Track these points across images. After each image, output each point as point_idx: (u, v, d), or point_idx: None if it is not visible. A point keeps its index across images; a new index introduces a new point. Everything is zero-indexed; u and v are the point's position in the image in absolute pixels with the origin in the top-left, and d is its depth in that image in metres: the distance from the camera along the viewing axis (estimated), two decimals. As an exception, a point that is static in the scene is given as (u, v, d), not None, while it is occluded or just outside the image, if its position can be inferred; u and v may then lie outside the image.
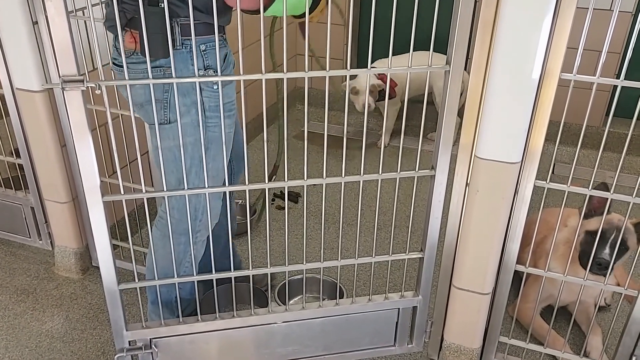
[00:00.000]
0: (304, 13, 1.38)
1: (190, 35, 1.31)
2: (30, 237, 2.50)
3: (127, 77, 1.37)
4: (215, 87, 1.53)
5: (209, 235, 1.74)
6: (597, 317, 2.12)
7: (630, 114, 1.41)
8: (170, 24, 1.35)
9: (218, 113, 1.55)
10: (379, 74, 3.14)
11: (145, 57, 1.36)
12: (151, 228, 1.73)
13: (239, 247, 2.32)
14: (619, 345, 1.76)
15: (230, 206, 2.08)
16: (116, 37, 1.55)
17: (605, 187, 1.59)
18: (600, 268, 1.74)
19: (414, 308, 1.87)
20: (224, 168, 1.58)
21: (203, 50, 1.51)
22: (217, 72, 1.44)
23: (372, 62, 1.48)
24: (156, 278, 1.66)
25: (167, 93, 1.53)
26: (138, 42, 1.47)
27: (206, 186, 1.60)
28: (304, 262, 1.71)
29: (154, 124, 1.45)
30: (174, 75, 1.38)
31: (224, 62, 1.56)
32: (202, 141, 1.50)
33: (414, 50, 1.44)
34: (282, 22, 1.37)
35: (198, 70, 1.46)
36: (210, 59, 1.53)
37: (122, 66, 1.49)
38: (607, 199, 1.56)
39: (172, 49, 1.35)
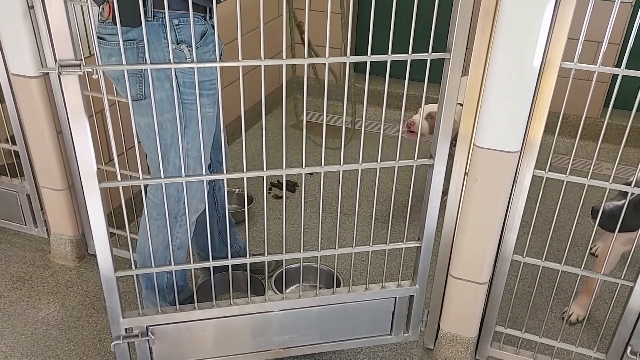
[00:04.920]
0: None
1: (163, 8, 1.29)
2: (25, 225, 2.49)
3: (96, 47, 1.33)
4: (188, 60, 1.51)
5: (204, 220, 1.73)
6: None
7: (626, 106, 1.41)
8: None
9: (194, 90, 1.53)
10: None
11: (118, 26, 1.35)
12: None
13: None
14: (615, 335, 1.77)
15: (218, 194, 2.08)
16: (101, 9, 1.56)
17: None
18: (592, 215, 1.75)
19: (411, 297, 1.87)
20: (207, 149, 1.55)
21: (176, 25, 1.50)
22: (191, 47, 1.42)
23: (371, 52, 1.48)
24: (134, 264, 1.64)
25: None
26: (112, 11, 1.46)
27: (185, 166, 1.58)
28: (301, 251, 1.70)
29: (134, 100, 1.44)
30: (146, 48, 1.33)
31: (201, 39, 1.54)
32: (178, 118, 1.46)
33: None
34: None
35: (171, 43, 1.45)
36: (183, 34, 1.51)
37: (102, 39, 1.50)
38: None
39: (144, 20, 1.33)
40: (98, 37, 1.56)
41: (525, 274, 2.30)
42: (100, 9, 1.53)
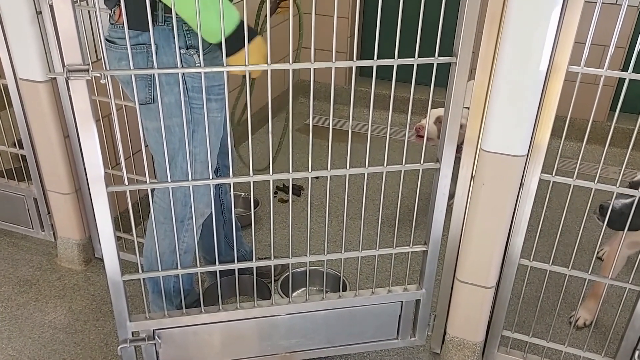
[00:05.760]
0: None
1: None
2: (32, 229, 2.50)
3: (104, 51, 1.34)
4: (197, 65, 1.52)
5: (211, 224, 1.73)
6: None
7: (633, 109, 1.41)
8: None
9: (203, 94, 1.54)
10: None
11: (128, 30, 1.36)
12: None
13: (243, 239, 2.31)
14: (622, 340, 1.76)
15: (224, 198, 2.08)
16: (112, 13, 1.56)
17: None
18: (600, 212, 1.74)
19: (417, 301, 1.87)
20: (215, 153, 1.55)
21: (186, 30, 1.50)
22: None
23: (377, 56, 1.48)
24: (141, 267, 1.65)
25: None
26: (122, 14, 1.48)
27: (192, 170, 1.59)
28: (308, 255, 1.70)
29: (143, 104, 1.44)
30: (153, 52, 1.33)
31: (211, 44, 1.55)
32: (184, 122, 1.46)
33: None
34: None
35: (180, 48, 1.45)
36: (193, 39, 1.51)
37: (112, 42, 1.51)
38: None
39: (154, 24, 1.33)
40: (108, 41, 1.57)
41: (532, 278, 2.29)
42: (111, 12, 1.54)
